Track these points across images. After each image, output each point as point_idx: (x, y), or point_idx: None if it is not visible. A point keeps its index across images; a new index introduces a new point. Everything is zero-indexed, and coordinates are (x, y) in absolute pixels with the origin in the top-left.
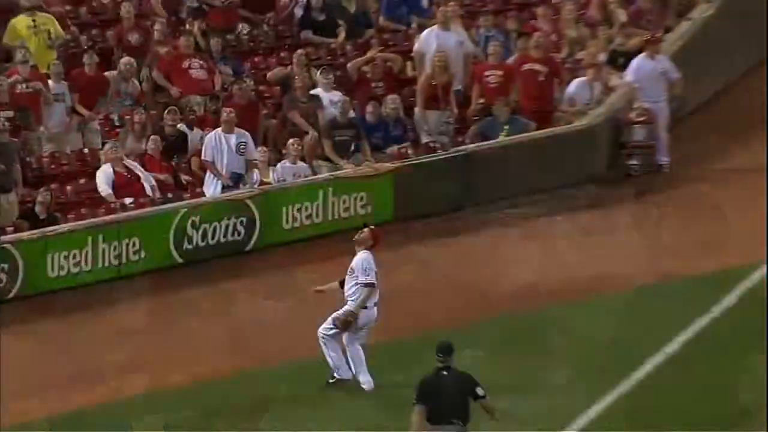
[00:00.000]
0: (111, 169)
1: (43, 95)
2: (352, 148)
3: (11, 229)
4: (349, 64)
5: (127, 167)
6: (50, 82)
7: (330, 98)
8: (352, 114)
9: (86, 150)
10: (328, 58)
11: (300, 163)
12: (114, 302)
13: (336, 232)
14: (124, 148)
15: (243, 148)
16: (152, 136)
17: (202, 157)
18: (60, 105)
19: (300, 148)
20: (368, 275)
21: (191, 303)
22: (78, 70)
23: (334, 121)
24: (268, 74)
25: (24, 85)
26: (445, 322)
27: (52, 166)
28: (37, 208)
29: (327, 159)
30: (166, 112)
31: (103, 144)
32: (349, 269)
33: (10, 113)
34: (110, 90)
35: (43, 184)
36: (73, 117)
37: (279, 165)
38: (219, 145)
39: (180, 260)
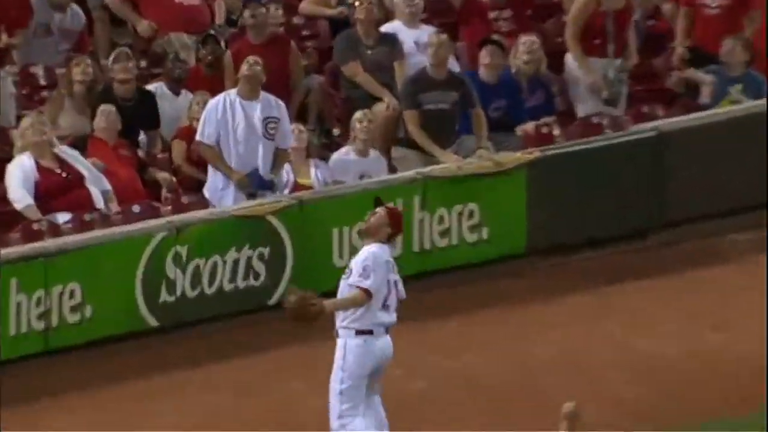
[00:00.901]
0: (32, 163)
1: None
2: (456, 125)
3: None
4: None
5: (60, 160)
6: None
7: (416, 38)
8: (454, 66)
9: None
10: None
11: (371, 154)
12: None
13: (426, 273)
14: (55, 126)
15: (273, 128)
16: (103, 106)
17: (197, 140)
18: None
19: (369, 127)
20: (366, 277)
21: (169, 409)
22: None
23: (424, 77)
24: (304, 1)
25: None
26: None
27: None
28: None
29: (411, 144)
30: (126, 61)
31: (19, 119)
32: (347, 269)
33: None
34: (32, 23)
35: None
36: None
37: (334, 157)
38: (230, 119)
39: (153, 323)
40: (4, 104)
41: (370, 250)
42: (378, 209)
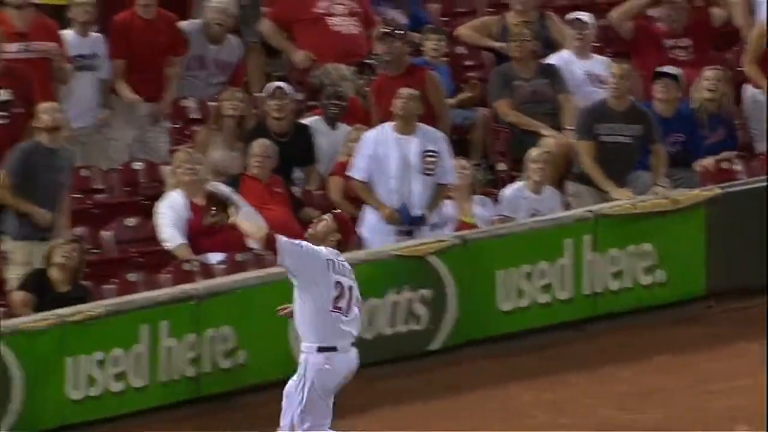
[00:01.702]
0: (184, 201)
1: (55, 63)
2: (634, 160)
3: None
4: (614, 12)
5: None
6: (70, 35)
7: (587, 69)
8: (630, 99)
9: (137, 165)
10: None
11: (545, 191)
12: None
13: (597, 317)
14: (207, 163)
15: (432, 162)
16: (258, 141)
17: (349, 174)
18: (87, 80)
19: (544, 167)
20: (293, 243)
21: None
22: (125, 15)
23: (602, 108)
24: (461, 28)
25: (22, 45)
26: None
27: (77, 195)
28: (54, 274)
29: (585, 180)
30: (282, 98)
31: (170, 154)
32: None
33: (8, 94)
34: (186, 56)
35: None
36: (114, 102)
37: (506, 193)
38: (384, 153)
39: None
40: (153, 140)
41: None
42: (325, 216)
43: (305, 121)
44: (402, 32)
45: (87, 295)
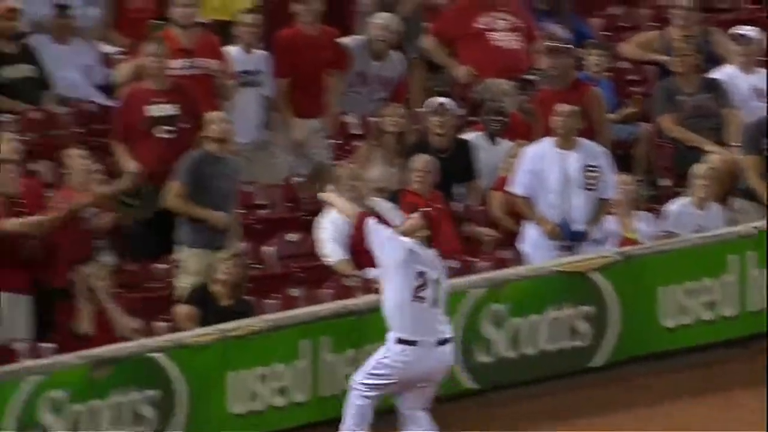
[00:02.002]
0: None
1: (218, 79)
2: None
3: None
4: None
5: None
6: (235, 51)
7: (753, 83)
8: None
9: (299, 180)
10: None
11: (710, 207)
12: None
13: (764, 335)
14: (368, 179)
15: (593, 177)
16: (420, 156)
17: (510, 190)
18: (250, 96)
19: (709, 182)
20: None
21: None
22: (288, 31)
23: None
24: (624, 44)
25: (187, 62)
26: None
27: (240, 210)
28: (217, 288)
29: (751, 196)
30: (444, 115)
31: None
32: None
33: (175, 110)
34: (348, 72)
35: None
36: (276, 118)
37: (672, 208)
38: (544, 168)
39: (471, 385)
40: (315, 155)
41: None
42: (414, 214)
43: (466, 136)
44: (568, 47)
45: (249, 309)
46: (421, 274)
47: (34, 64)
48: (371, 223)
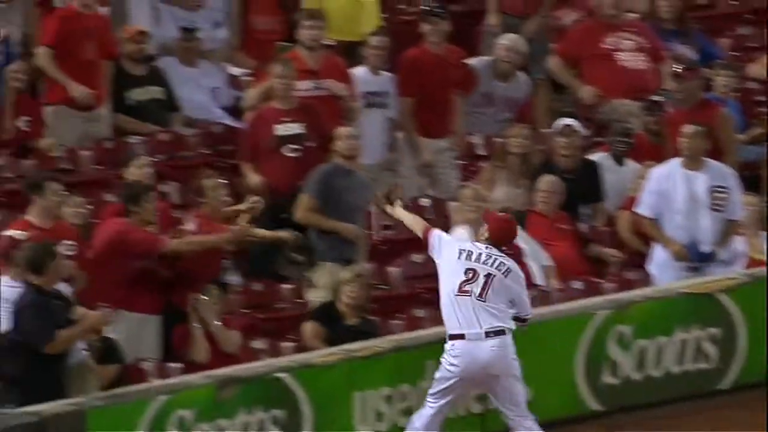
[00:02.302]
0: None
1: (344, 101)
2: None
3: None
4: None
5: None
6: (361, 72)
7: None
8: None
9: (425, 201)
10: None
11: None
12: None
13: None
14: (492, 200)
15: (721, 198)
16: (546, 178)
17: (636, 211)
18: (376, 117)
19: None
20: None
21: None
22: (415, 52)
23: None
24: (753, 64)
25: (312, 83)
26: None
27: (367, 231)
28: (343, 306)
29: None
30: (572, 136)
31: (460, 190)
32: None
33: (302, 128)
34: (473, 92)
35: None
36: (402, 140)
37: None
38: (671, 189)
39: (596, 407)
40: (445, 175)
41: None
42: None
43: (592, 157)
44: (696, 68)
45: (375, 329)
46: (469, 270)
47: (163, 86)
48: (436, 234)
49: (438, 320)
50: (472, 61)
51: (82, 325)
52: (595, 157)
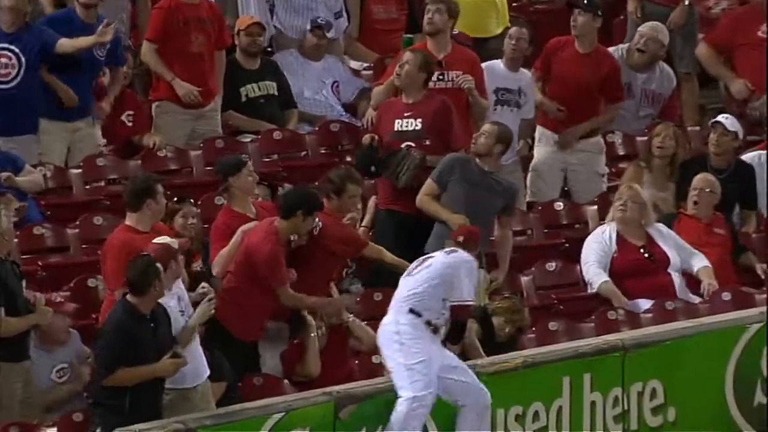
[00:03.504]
0: (613, 235)
1: (472, 96)
2: None
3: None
4: None
5: (649, 238)
6: (497, 67)
7: None
8: None
9: (558, 205)
10: None
11: None
12: None
13: None
14: (644, 202)
15: None
16: (700, 176)
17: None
18: (507, 116)
19: None
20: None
21: None
22: (556, 42)
23: None
24: None
25: (438, 75)
26: None
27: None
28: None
29: None
30: (723, 135)
31: (600, 195)
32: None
33: (421, 124)
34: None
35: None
36: (540, 139)
37: None
38: None
39: (747, 428)
40: (587, 182)
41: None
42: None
43: (746, 157)
44: None
45: (515, 345)
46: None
47: (277, 80)
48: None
49: (573, 333)
50: (611, 50)
51: (154, 368)
52: (748, 156)
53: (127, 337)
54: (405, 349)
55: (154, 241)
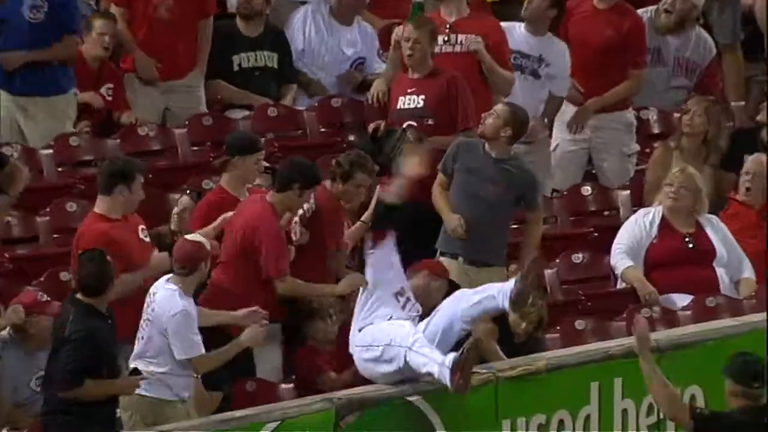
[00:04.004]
0: (657, 218)
1: (486, 61)
2: None
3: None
4: None
5: (699, 226)
6: (517, 30)
7: None
8: None
9: (586, 190)
10: None
11: None
12: None
13: None
14: (694, 182)
15: None
16: (754, 157)
17: None
18: (526, 85)
19: None
20: None
21: None
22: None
23: None
24: None
25: (449, 38)
26: None
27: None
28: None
29: None
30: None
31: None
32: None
33: (425, 102)
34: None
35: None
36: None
37: None
38: None
39: None
40: (615, 163)
41: None
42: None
43: None
44: None
45: (539, 346)
46: None
47: (279, 52)
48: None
49: (602, 333)
50: (639, 12)
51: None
52: None
53: (96, 344)
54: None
55: (187, 237)
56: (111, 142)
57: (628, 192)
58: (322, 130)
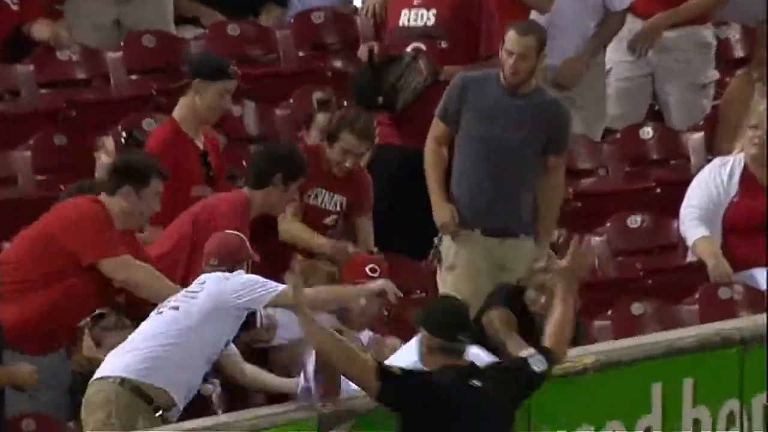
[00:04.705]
0: (739, 169)
1: None
2: None
3: None
4: None
5: None
6: None
7: None
8: None
9: (647, 131)
10: None
11: None
12: None
13: None
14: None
15: None
16: None
17: None
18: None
19: None
20: None
21: None
22: None
23: None
24: None
25: None
26: None
27: None
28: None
29: None
30: None
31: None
32: None
33: (435, 17)
34: None
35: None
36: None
37: None
38: None
39: None
40: (685, 96)
41: None
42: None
43: None
44: None
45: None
46: None
47: None
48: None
49: (668, 320)
50: None
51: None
52: None
53: None
54: None
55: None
56: (21, 67)
57: (702, 135)
58: (301, 54)
